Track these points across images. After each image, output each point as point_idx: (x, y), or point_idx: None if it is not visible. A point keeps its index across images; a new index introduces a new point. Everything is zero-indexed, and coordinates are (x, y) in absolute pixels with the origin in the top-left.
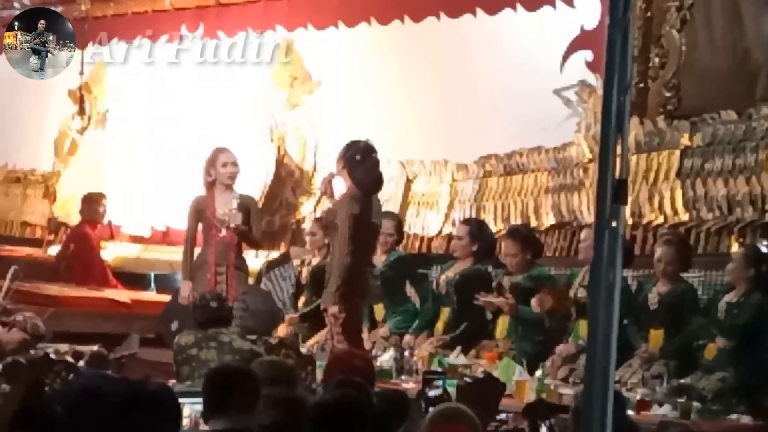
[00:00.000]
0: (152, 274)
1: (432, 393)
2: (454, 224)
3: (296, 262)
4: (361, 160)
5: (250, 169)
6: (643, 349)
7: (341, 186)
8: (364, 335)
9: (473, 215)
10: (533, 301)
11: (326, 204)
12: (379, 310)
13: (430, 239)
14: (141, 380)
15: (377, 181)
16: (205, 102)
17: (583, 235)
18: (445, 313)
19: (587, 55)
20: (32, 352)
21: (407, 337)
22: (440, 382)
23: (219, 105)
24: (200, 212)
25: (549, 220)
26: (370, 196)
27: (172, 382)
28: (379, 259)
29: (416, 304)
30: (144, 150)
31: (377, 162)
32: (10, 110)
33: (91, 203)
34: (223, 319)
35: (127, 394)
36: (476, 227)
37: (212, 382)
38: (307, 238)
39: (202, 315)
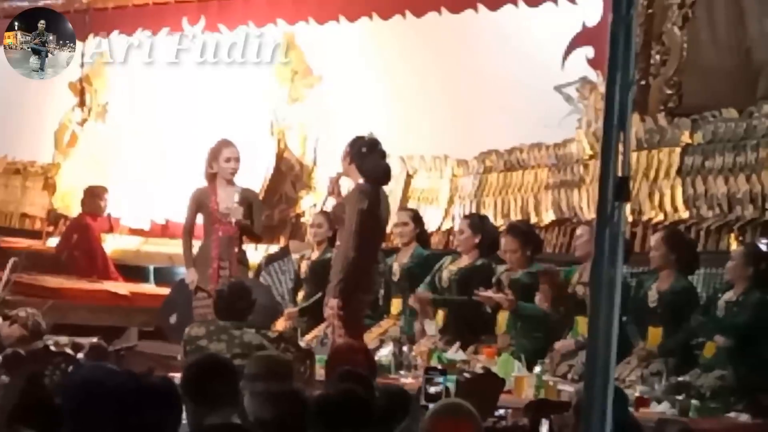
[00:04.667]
0: (152, 267)
1: (432, 389)
2: (453, 220)
3: (295, 256)
4: (368, 152)
5: (250, 163)
6: (641, 346)
7: (348, 185)
8: (377, 329)
9: (473, 211)
10: (537, 297)
11: (332, 203)
12: (396, 305)
13: (430, 235)
14: (142, 373)
15: (386, 171)
16: (206, 94)
17: (578, 231)
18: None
19: (589, 51)
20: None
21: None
22: (441, 379)
23: (220, 98)
24: (201, 204)
25: (549, 216)
26: (379, 187)
27: (172, 374)
28: (405, 253)
29: None
30: (144, 143)
31: (384, 153)
32: (10, 101)
33: (94, 196)
34: (241, 312)
35: (129, 386)
36: (478, 220)
37: (194, 375)
38: (312, 230)
39: (222, 305)
